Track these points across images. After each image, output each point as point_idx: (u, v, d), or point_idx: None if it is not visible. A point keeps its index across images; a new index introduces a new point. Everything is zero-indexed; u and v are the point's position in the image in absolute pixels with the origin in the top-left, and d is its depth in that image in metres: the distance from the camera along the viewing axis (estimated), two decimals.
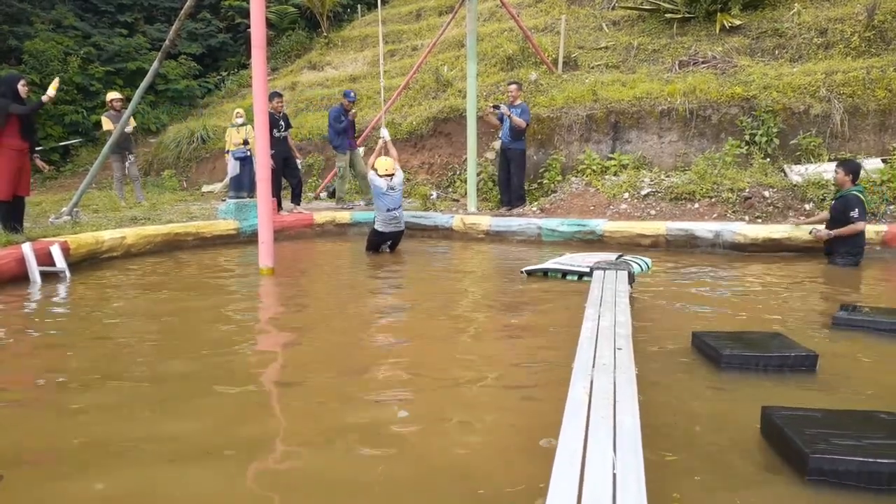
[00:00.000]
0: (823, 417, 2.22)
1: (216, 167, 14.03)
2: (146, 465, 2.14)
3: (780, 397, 2.57)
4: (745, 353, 3.02)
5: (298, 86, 16.51)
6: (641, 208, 7.95)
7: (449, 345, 3.60)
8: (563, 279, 5.32)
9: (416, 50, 15.04)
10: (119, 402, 2.74)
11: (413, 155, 11.59)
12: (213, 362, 3.28)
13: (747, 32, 10.39)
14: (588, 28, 12.63)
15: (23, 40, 17.20)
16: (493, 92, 11.17)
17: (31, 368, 3.28)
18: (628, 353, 2.60)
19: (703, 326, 3.56)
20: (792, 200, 7.39)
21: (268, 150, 6.02)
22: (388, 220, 7.02)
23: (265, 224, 5.79)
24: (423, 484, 2.01)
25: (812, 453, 1.94)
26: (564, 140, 9.80)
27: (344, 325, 4.14)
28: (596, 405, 2.01)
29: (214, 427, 2.45)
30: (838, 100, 8.16)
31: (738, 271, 5.77)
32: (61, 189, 14.47)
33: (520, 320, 4.19)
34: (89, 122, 17.40)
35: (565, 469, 1.61)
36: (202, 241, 7.61)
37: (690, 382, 2.91)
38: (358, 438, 2.33)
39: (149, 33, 20.19)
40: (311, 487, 2.01)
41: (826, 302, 4.60)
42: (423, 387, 2.89)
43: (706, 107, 8.89)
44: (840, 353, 3.27)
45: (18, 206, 6.60)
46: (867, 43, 9.08)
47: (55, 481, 2.06)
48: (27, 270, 5.37)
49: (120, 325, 4.07)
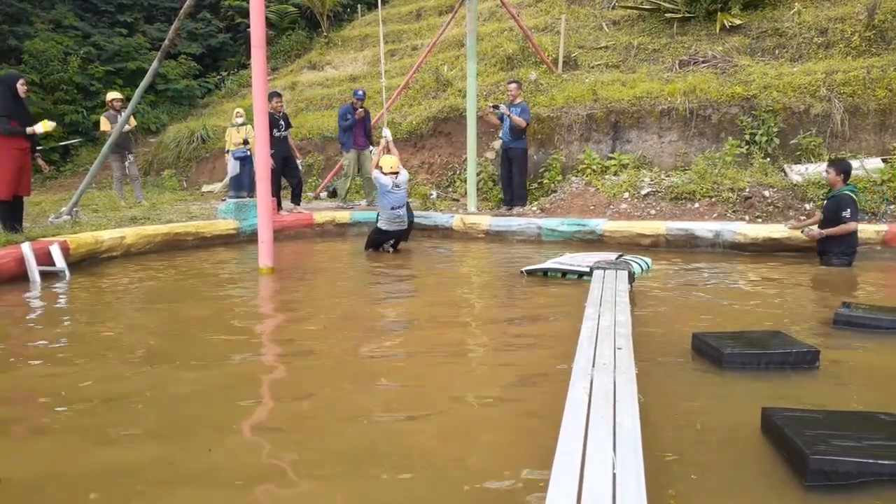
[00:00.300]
0: (824, 418, 2.22)
1: (216, 167, 14.03)
2: (147, 467, 2.14)
3: (780, 397, 2.57)
4: (747, 352, 3.01)
5: (298, 85, 16.50)
6: (641, 208, 7.95)
7: (450, 345, 3.60)
8: (562, 279, 5.32)
9: (416, 49, 15.04)
10: (118, 403, 2.74)
11: (413, 154, 11.59)
12: (212, 365, 3.27)
13: (747, 32, 10.39)
14: (588, 28, 12.63)
15: (23, 40, 17.20)
16: (493, 91, 11.16)
17: (30, 369, 3.27)
18: (628, 352, 2.59)
19: (704, 326, 3.56)
20: (792, 200, 7.39)
21: (268, 150, 6.02)
22: (393, 218, 7.04)
23: (265, 224, 5.78)
24: (423, 482, 2.01)
25: (812, 454, 1.93)
26: (564, 140, 9.80)
27: (344, 325, 4.14)
28: (596, 405, 2.01)
29: (209, 436, 2.44)
30: (839, 99, 8.15)
31: (738, 271, 5.77)
32: (61, 189, 14.46)
33: (519, 320, 4.19)
34: (89, 122, 17.39)
35: (565, 468, 1.61)
36: (202, 241, 7.61)
37: (691, 382, 2.90)
38: (360, 440, 2.33)
39: (149, 33, 20.19)
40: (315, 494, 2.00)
41: (826, 301, 4.59)
42: (421, 389, 2.89)
43: (706, 106, 8.89)
44: (841, 351, 3.27)
45: (18, 206, 6.60)
46: (867, 42, 9.07)
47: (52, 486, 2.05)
48: (27, 270, 5.37)
49: (119, 324, 4.07)
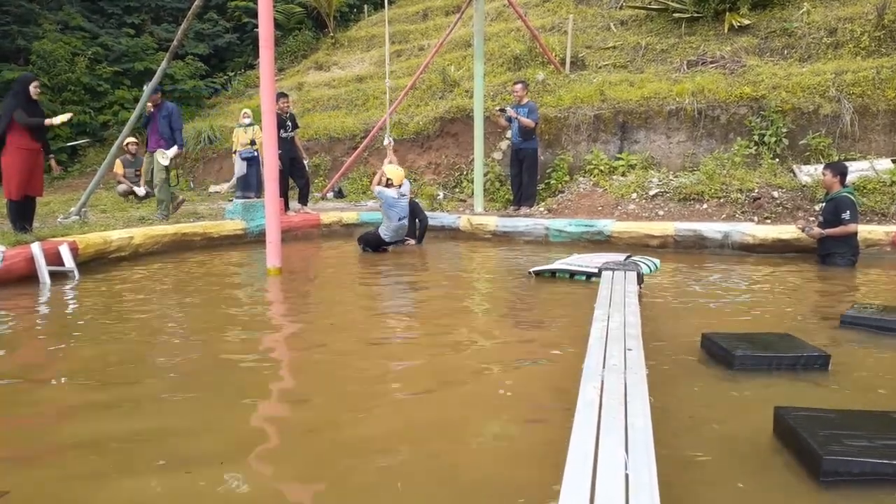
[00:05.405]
0: (836, 418, 2.20)
1: (223, 167, 14.07)
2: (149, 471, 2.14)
3: (792, 398, 2.55)
4: (758, 354, 3.00)
5: (305, 86, 16.53)
6: (649, 209, 7.92)
7: (457, 345, 3.59)
8: (571, 280, 5.31)
9: (422, 50, 15.05)
10: (125, 404, 2.74)
11: (420, 155, 11.60)
12: (220, 368, 3.27)
13: (756, 32, 10.35)
14: (596, 28, 12.62)
15: (31, 41, 17.28)
16: (501, 92, 11.15)
17: (39, 368, 3.28)
18: (638, 353, 2.58)
19: (712, 327, 3.54)
20: (801, 201, 7.35)
21: (275, 151, 6.02)
22: (398, 229, 7.13)
23: (273, 224, 5.79)
24: (431, 483, 2.00)
25: (825, 454, 1.92)
26: (572, 140, 9.79)
27: (352, 328, 4.14)
28: (607, 406, 2.00)
29: (217, 435, 2.44)
30: (848, 100, 8.11)
31: (746, 272, 5.74)
32: (69, 189, 14.54)
33: (528, 322, 4.18)
34: (97, 123, 17.48)
35: (577, 470, 1.60)
36: (210, 241, 7.63)
37: (702, 383, 2.89)
38: (365, 442, 2.33)
39: (156, 34, 20.27)
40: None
41: (835, 302, 4.57)
42: (432, 391, 2.88)
43: (715, 107, 8.86)
44: (851, 352, 3.25)
45: (29, 207, 6.63)
46: (877, 42, 9.03)
47: (61, 486, 2.04)
48: (36, 270, 5.40)
49: (127, 325, 4.08)
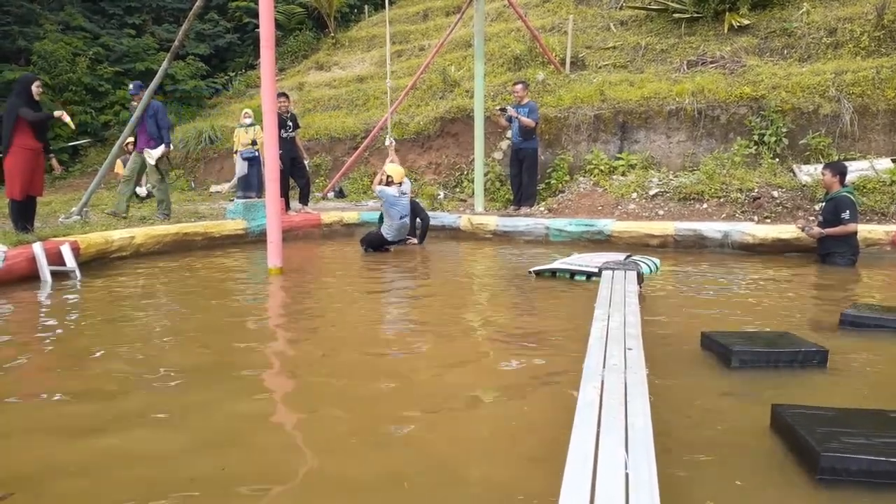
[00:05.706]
0: (834, 415, 2.22)
1: (224, 167, 14.09)
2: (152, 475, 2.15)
3: (790, 395, 2.56)
4: (756, 350, 3.02)
5: (306, 86, 16.54)
6: (649, 208, 7.94)
7: (457, 345, 3.61)
8: (571, 279, 5.32)
9: (423, 50, 15.06)
10: (127, 406, 2.76)
11: (420, 155, 11.61)
12: (222, 369, 3.29)
13: (756, 32, 10.36)
14: (595, 28, 12.62)
15: (32, 41, 17.31)
16: (501, 92, 11.16)
17: (41, 368, 3.30)
18: (638, 353, 2.59)
19: (712, 326, 3.56)
20: (801, 201, 7.37)
21: (276, 151, 6.03)
22: (400, 227, 7.14)
23: (274, 224, 5.81)
24: (435, 486, 2.02)
25: (823, 452, 1.94)
26: (572, 140, 9.80)
27: (354, 329, 4.15)
28: (607, 405, 2.01)
29: (217, 440, 2.45)
30: (848, 100, 8.12)
31: (746, 272, 5.75)
32: (70, 189, 14.56)
33: (528, 321, 4.19)
34: (98, 123, 17.51)
35: (577, 469, 1.61)
36: (211, 241, 7.65)
37: (701, 381, 2.90)
38: (367, 443, 2.34)
39: (157, 34, 20.29)
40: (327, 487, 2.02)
41: (834, 301, 4.58)
42: (432, 391, 2.89)
43: (714, 107, 8.87)
44: (849, 351, 3.27)
45: (30, 206, 6.65)
46: (877, 42, 9.03)
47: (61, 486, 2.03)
48: (38, 270, 5.41)
49: (128, 325, 4.09)
